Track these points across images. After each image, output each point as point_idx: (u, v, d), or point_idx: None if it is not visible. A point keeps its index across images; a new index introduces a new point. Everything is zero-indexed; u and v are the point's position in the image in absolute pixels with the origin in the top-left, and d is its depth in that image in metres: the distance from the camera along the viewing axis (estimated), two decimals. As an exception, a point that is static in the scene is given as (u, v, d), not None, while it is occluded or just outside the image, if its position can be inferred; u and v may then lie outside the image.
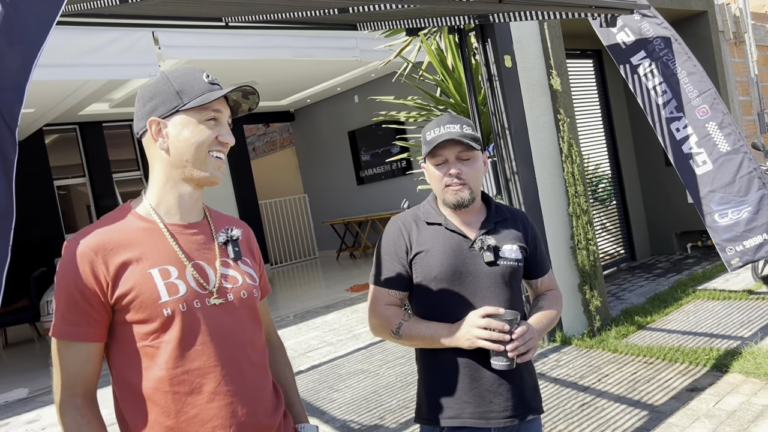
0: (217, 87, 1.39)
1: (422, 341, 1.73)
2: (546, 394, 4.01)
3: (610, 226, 7.73)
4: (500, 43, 4.89)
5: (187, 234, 1.40)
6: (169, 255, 1.34)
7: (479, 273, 1.74)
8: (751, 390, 3.69)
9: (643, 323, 5.21)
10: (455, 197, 1.75)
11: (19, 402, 5.34)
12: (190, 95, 1.35)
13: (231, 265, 1.43)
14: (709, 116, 4.10)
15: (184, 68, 1.41)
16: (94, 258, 1.28)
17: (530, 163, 5.01)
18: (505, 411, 1.72)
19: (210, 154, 1.37)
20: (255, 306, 1.45)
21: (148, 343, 1.30)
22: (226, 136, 1.39)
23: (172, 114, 1.35)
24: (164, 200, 1.39)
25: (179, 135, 1.35)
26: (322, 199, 13.14)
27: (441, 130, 1.75)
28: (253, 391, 1.38)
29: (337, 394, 4.50)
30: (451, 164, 1.75)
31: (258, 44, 6.69)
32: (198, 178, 1.38)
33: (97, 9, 3.10)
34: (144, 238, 1.34)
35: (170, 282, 1.31)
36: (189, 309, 1.32)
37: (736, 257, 4.08)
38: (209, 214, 1.49)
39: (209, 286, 1.36)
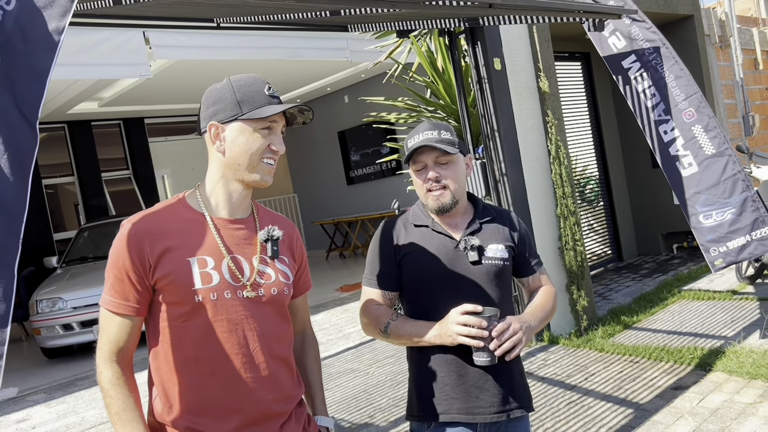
0: (276, 101, 1.50)
1: (409, 339, 1.78)
2: (534, 393, 4.07)
3: (598, 227, 7.82)
4: (490, 46, 4.94)
5: (231, 228, 1.51)
6: (209, 246, 1.46)
7: (465, 272, 1.79)
8: (734, 388, 3.76)
9: (630, 323, 5.28)
10: (436, 202, 1.80)
11: (9, 402, 5.34)
12: (250, 106, 1.47)
13: (268, 262, 1.53)
14: (695, 119, 4.17)
15: (250, 77, 1.52)
16: (143, 240, 1.41)
17: (519, 164, 5.07)
18: (491, 407, 1.77)
19: (262, 160, 1.49)
20: (284, 303, 1.56)
21: (178, 324, 1.43)
22: (278, 144, 1.50)
23: (231, 121, 1.47)
24: (214, 195, 1.51)
25: (235, 140, 1.47)
26: (312, 199, 13.16)
27: (419, 137, 1.80)
28: (269, 381, 1.48)
29: (327, 393, 4.52)
30: (430, 169, 1.80)
31: (249, 44, 6.71)
32: (248, 180, 1.50)
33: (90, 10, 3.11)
34: (189, 228, 1.47)
35: (205, 271, 1.43)
36: (219, 298, 1.43)
37: (720, 258, 4.16)
38: (256, 211, 1.59)
39: (243, 279, 1.47)
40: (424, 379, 1.83)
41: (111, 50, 5.93)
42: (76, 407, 4.97)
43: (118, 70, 6.16)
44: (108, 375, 1.41)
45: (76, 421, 4.64)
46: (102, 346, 1.44)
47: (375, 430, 3.78)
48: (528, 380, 4.20)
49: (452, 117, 5.88)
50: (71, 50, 5.76)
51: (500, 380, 1.79)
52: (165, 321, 1.44)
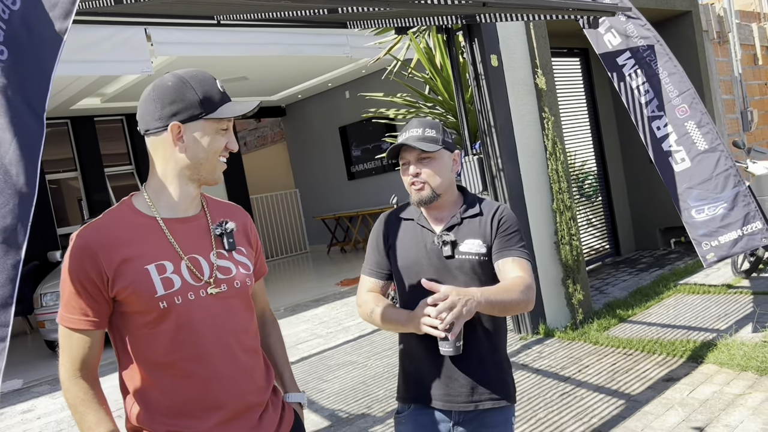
0: (228, 97, 1.50)
1: (391, 326, 1.88)
2: (528, 384, 4.14)
3: (596, 222, 7.88)
4: (487, 43, 5.00)
5: (183, 228, 1.49)
6: (165, 250, 1.44)
7: (439, 265, 1.87)
8: (724, 380, 3.83)
9: (625, 316, 5.35)
10: (417, 196, 1.90)
11: (14, 393, 5.43)
12: (211, 106, 1.45)
13: (226, 256, 1.52)
14: (688, 115, 4.23)
15: (201, 73, 1.49)
16: (96, 253, 1.38)
17: (515, 160, 5.13)
18: (459, 396, 1.85)
19: (219, 159, 1.50)
20: (248, 294, 1.56)
21: (146, 332, 1.42)
22: (233, 143, 1.51)
23: (193, 120, 1.44)
24: (165, 196, 1.48)
25: (198, 141, 1.45)
26: (313, 194, 13.23)
27: (404, 135, 1.91)
28: (245, 374, 1.50)
29: (326, 384, 4.62)
30: (412, 165, 1.89)
31: (249, 41, 6.78)
32: (207, 179, 1.50)
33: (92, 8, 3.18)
34: (142, 234, 1.44)
35: (166, 276, 1.41)
36: (184, 301, 1.42)
37: (712, 252, 4.22)
38: (206, 205, 1.58)
39: (204, 277, 1.46)
40: (407, 363, 1.95)
41: (113, 47, 6.00)
42: (80, 398, 5.05)
43: (120, 67, 6.23)
44: (75, 392, 1.40)
45: (79, 412, 4.73)
46: (65, 363, 1.42)
47: (372, 420, 3.86)
48: (523, 372, 4.22)
49: (450, 113, 5.94)
50: (74, 47, 5.83)
51: (470, 371, 1.85)
52: (132, 330, 1.42)
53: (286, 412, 1.65)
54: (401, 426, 1.95)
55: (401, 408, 1.96)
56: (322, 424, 3.92)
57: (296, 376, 4.98)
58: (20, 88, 1.40)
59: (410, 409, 1.92)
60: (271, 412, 1.58)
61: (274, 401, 1.61)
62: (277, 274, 11.02)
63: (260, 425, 1.52)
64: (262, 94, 11.86)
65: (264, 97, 11.98)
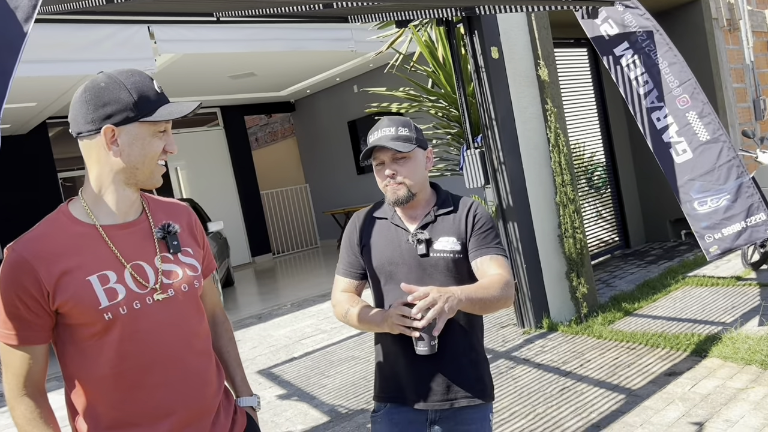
0: (165, 98, 1.44)
1: (366, 326, 1.85)
2: (528, 379, 4.12)
3: (605, 214, 7.80)
4: (487, 35, 4.95)
5: (124, 234, 1.44)
6: (107, 259, 1.39)
7: (414, 264, 1.85)
8: (728, 374, 3.78)
9: (631, 310, 5.30)
10: (393, 196, 1.87)
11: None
12: (147, 107, 1.38)
13: (171, 259, 1.48)
14: (689, 105, 4.16)
15: (137, 73, 1.42)
16: (33, 267, 1.32)
17: (517, 153, 5.08)
18: (435, 395, 1.83)
19: (158, 162, 1.44)
20: (196, 296, 1.52)
21: (91, 344, 1.37)
22: (172, 146, 1.45)
23: (128, 123, 1.38)
24: (103, 202, 1.42)
25: (133, 144, 1.39)
26: (323, 189, 13.25)
27: (377, 134, 1.87)
28: (197, 378, 1.47)
29: (327, 379, 4.63)
30: (387, 166, 1.86)
31: (252, 37, 6.77)
32: (144, 183, 1.45)
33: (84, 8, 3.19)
34: (82, 243, 1.38)
35: (109, 287, 1.37)
36: (129, 311, 1.38)
37: (715, 245, 4.15)
38: (148, 207, 1.52)
39: (149, 284, 1.42)
40: (382, 363, 1.93)
41: (116, 45, 6.02)
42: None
43: (124, 65, 6.25)
44: (22, 410, 1.35)
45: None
46: (9, 381, 1.35)
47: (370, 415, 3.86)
48: (523, 367, 4.20)
49: (453, 106, 5.90)
50: (77, 46, 5.87)
51: (445, 369, 1.83)
52: (76, 342, 1.38)
53: (238, 416, 1.61)
54: (377, 425, 1.94)
55: (377, 407, 1.95)
56: (321, 420, 3.93)
57: (299, 372, 5.01)
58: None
59: (386, 408, 1.91)
60: (223, 418, 1.54)
61: (226, 405, 1.58)
62: (287, 269, 11.06)
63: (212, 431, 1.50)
64: (271, 90, 11.88)
65: (265, 94, 11.99)
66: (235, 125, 12.48)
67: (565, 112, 6.83)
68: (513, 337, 5.03)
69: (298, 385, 4.61)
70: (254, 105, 12.64)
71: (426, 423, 1.87)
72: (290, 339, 5.85)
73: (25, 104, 8.04)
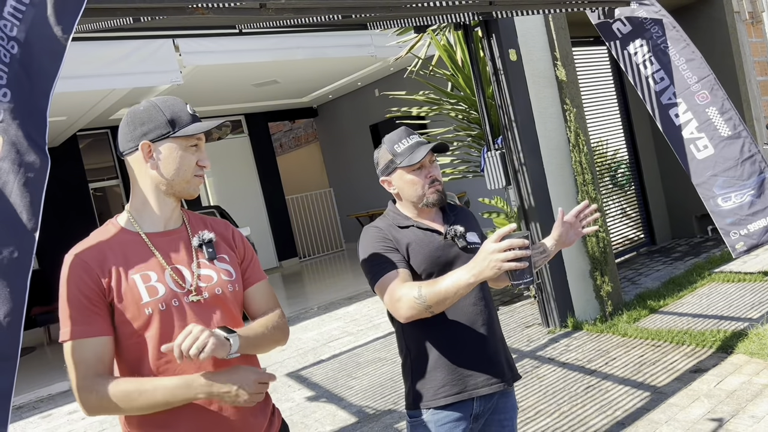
0: (197, 119, 1.60)
1: (446, 293, 1.70)
2: (553, 378, 4.15)
3: (630, 211, 7.77)
4: (504, 38, 5.00)
5: (166, 240, 1.60)
6: (149, 261, 1.55)
7: (458, 259, 1.94)
8: (754, 370, 3.77)
9: (656, 307, 5.29)
10: (436, 196, 1.98)
11: (61, 394, 5.70)
12: (179, 125, 1.56)
13: (207, 264, 1.61)
14: (709, 101, 4.13)
15: (172, 99, 1.61)
16: (91, 266, 1.49)
17: (538, 153, 5.12)
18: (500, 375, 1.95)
19: (194, 175, 1.59)
20: (233, 301, 1.63)
21: (134, 341, 1.51)
22: (205, 161, 1.61)
23: (162, 139, 1.56)
24: (146, 212, 1.60)
25: (168, 158, 1.56)
26: (347, 193, 13.36)
27: (411, 141, 1.98)
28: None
29: (355, 381, 4.71)
30: (427, 168, 1.97)
31: (274, 46, 6.90)
32: (181, 193, 1.60)
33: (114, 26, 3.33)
34: (127, 248, 1.55)
35: (150, 285, 1.52)
36: (167, 307, 1.52)
37: (741, 242, 4.11)
38: (187, 220, 1.68)
39: (186, 285, 1.56)
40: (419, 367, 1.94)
41: (143, 59, 6.20)
42: (123, 399, 5.29)
43: (151, 78, 6.43)
44: (101, 392, 1.43)
45: (122, 412, 4.96)
46: (80, 381, 1.45)
47: (398, 416, 3.93)
48: (549, 366, 4.27)
49: (473, 108, 5.95)
50: (106, 61, 6.06)
51: (499, 349, 1.98)
52: (123, 340, 1.51)
53: (275, 417, 1.70)
54: (421, 428, 1.94)
55: (413, 414, 1.96)
56: (349, 421, 4.02)
57: (327, 374, 5.09)
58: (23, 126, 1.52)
59: (428, 411, 1.92)
60: (260, 417, 1.62)
61: (263, 406, 1.65)
62: (313, 273, 11.19)
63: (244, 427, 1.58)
64: (294, 97, 12.03)
65: (288, 100, 12.15)
66: (259, 132, 12.66)
67: (587, 111, 6.84)
68: (538, 336, 5.06)
69: (327, 387, 4.70)
70: (278, 111, 12.82)
71: (470, 419, 1.94)
72: (318, 342, 5.96)
73: (57, 118, 8.29)
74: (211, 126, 1.57)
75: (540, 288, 5.20)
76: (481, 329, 1.94)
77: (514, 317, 5.69)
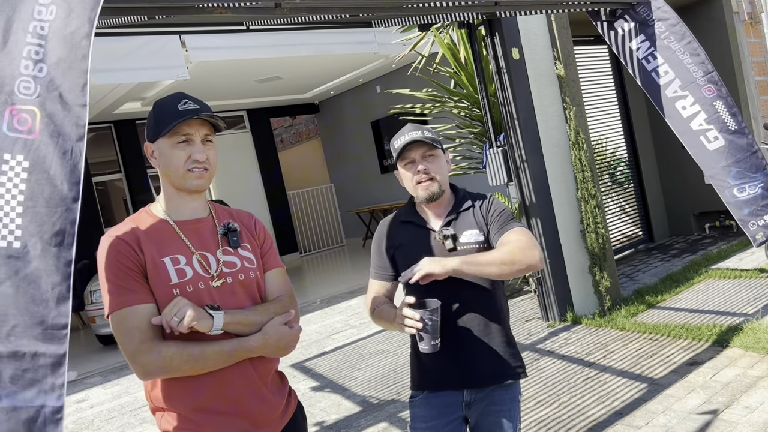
0: (188, 114, 1.62)
1: (384, 324, 2.03)
2: (553, 370, 4.26)
3: (629, 209, 7.87)
4: (507, 37, 5.09)
5: (193, 229, 1.70)
6: (179, 246, 1.66)
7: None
8: (748, 363, 3.88)
9: (654, 302, 5.39)
10: (426, 192, 2.02)
11: (69, 384, 5.78)
12: (163, 124, 1.64)
13: (231, 252, 1.72)
14: (715, 95, 4.13)
15: (171, 96, 1.68)
16: (128, 243, 1.60)
17: (539, 150, 5.21)
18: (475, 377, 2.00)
19: (188, 170, 1.65)
20: (253, 285, 1.72)
21: None
22: (197, 154, 1.65)
23: (155, 139, 1.66)
24: (170, 202, 1.71)
25: (161, 157, 1.67)
26: (348, 189, 13.45)
27: (407, 137, 2.04)
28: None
29: (358, 372, 4.81)
30: (419, 163, 2.03)
31: (279, 42, 6.99)
32: (182, 188, 1.68)
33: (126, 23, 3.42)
34: (158, 234, 1.66)
35: (179, 268, 1.62)
36: (194, 290, 1.62)
37: (761, 231, 4.04)
38: (214, 211, 1.78)
39: (212, 270, 1.66)
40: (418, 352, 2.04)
41: (150, 54, 6.29)
42: (129, 388, 5.39)
43: (157, 73, 6.52)
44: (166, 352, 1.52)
45: (129, 401, 5.05)
46: (138, 345, 1.52)
47: (401, 405, 4.03)
48: (548, 358, 4.36)
49: (475, 106, 6.04)
50: (114, 56, 6.14)
51: (483, 354, 2.00)
52: None
53: (292, 398, 1.80)
54: (416, 409, 2.09)
55: (415, 393, 2.10)
56: (354, 410, 4.12)
57: (330, 365, 5.20)
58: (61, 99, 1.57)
59: (423, 393, 2.06)
60: (277, 395, 1.72)
61: (280, 386, 1.76)
62: (314, 267, 11.28)
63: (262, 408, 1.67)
64: (296, 92, 12.12)
65: (290, 96, 12.24)
66: (261, 127, 12.75)
67: (587, 109, 6.93)
68: (538, 330, 5.16)
69: (330, 377, 4.80)
70: (279, 107, 12.91)
71: (462, 405, 2.04)
72: (321, 334, 6.05)
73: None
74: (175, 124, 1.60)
75: (540, 283, 5.30)
76: (460, 332, 1.99)
77: (514, 311, 5.79)
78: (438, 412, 2.04)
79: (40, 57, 1.58)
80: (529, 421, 3.57)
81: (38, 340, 1.47)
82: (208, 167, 1.67)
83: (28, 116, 1.53)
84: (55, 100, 1.57)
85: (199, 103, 1.67)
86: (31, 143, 1.53)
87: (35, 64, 1.57)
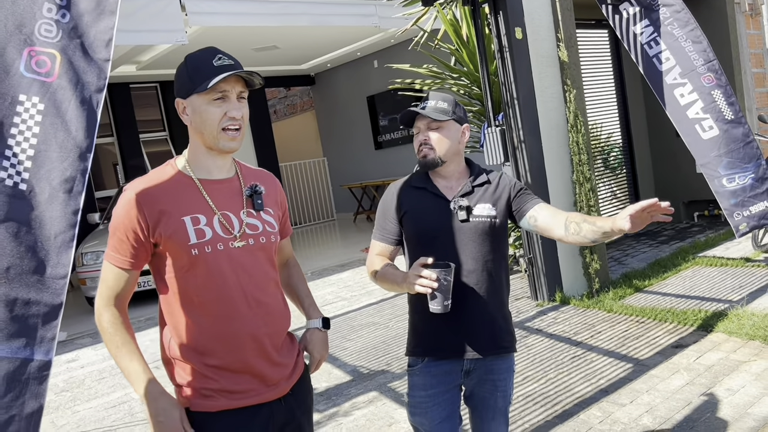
0: (224, 70, 1.58)
1: (387, 284, 2.06)
2: (541, 348, 4.34)
3: (620, 194, 7.95)
4: (511, 15, 5.08)
5: (217, 187, 1.69)
6: (200, 205, 1.64)
7: (455, 229, 2.04)
8: (731, 348, 3.97)
9: (641, 286, 5.48)
10: (422, 160, 2.08)
11: (60, 344, 5.81)
12: (199, 80, 1.59)
13: (254, 214, 1.72)
14: (714, 84, 4.18)
15: (203, 51, 1.64)
16: (141, 205, 1.59)
17: (537, 132, 5.24)
18: (475, 346, 2.04)
19: (222, 129, 1.62)
20: (272, 250, 1.75)
21: (181, 275, 1.63)
22: (233, 111, 1.62)
23: (188, 95, 1.62)
24: (196, 160, 1.69)
25: (194, 113, 1.63)
26: (341, 163, 13.43)
27: (420, 105, 2.09)
28: (273, 313, 1.72)
29: (349, 343, 4.87)
30: (422, 132, 2.08)
31: (279, 11, 6.93)
32: (213, 147, 1.66)
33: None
34: (181, 191, 1.65)
35: (199, 228, 1.61)
36: (213, 250, 1.62)
37: (744, 222, 4.17)
38: (240, 170, 1.78)
39: (234, 231, 1.66)
40: (418, 319, 2.12)
41: (149, 16, 6.21)
42: (120, 351, 5.42)
43: (156, 36, 6.44)
44: (108, 317, 1.61)
45: (120, 363, 5.09)
46: (102, 293, 1.63)
47: (391, 376, 4.10)
48: (537, 336, 4.46)
49: (475, 84, 6.05)
50: (112, 17, 6.05)
51: (483, 324, 2.05)
52: (170, 272, 1.63)
53: (300, 359, 1.84)
54: (415, 377, 2.13)
55: (413, 361, 2.14)
56: (344, 379, 4.18)
57: (321, 335, 5.20)
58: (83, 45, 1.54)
59: (423, 361, 2.10)
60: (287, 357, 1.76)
61: (290, 347, 1.80)
62: (305, 240, 11.31)
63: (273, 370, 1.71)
64: (292, 63, 12.02)
65: (286, 67, 12.14)
66: (255, 97, 12.64)
67: (585, 93, 6.95)
68: (527, 309, 5.24)
69: (321, 347, 4.86)
70: (274, 77, 12.80)
71: (461, 373, 2.09)
72: (311, 305, 6.10)
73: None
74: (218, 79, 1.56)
75: (531, 263, 5.37)
76: (463, 301, 2.03)
77: (503, 290, 5.86)
78: (438, 381, 2.08)
79: (64, 3, 1.55)
80: (516, 396, 3.65)
81: (31, 287, 1.44)
82: (242, 125, 1.66)
83: (47, 59, 1.51)
84: (77, 47, 1.54)
85: (232, 58, 1.65)
86: (49, 86, 1.50)
87: (59, 9, 1.54)
